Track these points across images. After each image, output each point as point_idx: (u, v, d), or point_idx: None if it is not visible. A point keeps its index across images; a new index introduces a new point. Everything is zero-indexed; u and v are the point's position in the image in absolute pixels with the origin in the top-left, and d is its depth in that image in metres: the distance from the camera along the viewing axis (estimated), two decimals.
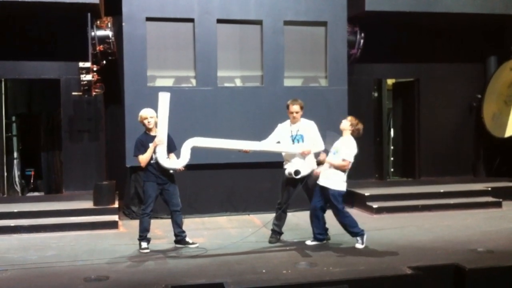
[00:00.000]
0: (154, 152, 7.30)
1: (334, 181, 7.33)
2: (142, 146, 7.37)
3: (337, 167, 7.29)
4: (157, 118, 7.35)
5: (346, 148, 7.30)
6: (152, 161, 7.36)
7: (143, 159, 7.36)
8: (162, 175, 7.39)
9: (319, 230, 7.61)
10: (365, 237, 7.43)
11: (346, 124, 7.40)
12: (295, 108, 7.67)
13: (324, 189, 7.41)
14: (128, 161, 9.88)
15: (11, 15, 10.34)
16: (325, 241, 7.70)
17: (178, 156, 7.45)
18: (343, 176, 7.37)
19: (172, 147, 7.51)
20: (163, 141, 7.29)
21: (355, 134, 7.41)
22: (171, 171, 7.44)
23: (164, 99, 7.33)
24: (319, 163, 7.63)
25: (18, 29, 10.52)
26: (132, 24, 9.97)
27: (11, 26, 10.50)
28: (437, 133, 12.70)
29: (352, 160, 7.30)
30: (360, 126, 7.43)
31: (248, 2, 10.36)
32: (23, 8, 9.86)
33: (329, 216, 7.75)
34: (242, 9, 10.37)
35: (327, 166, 7.40)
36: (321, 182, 7.42)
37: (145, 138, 7.40)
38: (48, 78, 10.96)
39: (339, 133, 7.49)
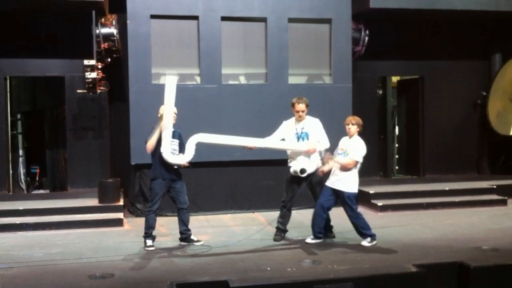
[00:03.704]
0: (160, 145, 7.30)
1: (348, 183, 7.34)
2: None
3: (343, 166, 7.28)
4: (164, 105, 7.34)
5: (356, 149, 7.31)
6: (156, 155, 7.39)
7: (149, 144, 7.36)
8: (168, 170, 7.39)
9: (320, 229, 7.60)
10: (375, 241, 7.42)
11: (354, 128, 7.39)
12: (301, 106, 7.65)
13: (337, 192, 7.40)
14: (133, 158, 9.91)
15: (15, 12, 10.35)
16: (323, 239, 7.70)
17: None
18: (355, 177, 7.38)
19: (182, 148, 7.48)
20: (169, 125, 7.28)
21: (361, 130, 7.46)
22: (176, 167, 7.44)
23: (171, 82, 7.30)
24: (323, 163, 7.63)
25: (23, 26, 10.52)
26: (137, 22, 9.98)
27: (16, 23, 10.50)
28: (441, 130, 12.65)
29: (360, 160, 7.30)
30: (360, 120, 7.47)
31: None
32: (28, 5, 9.88)
33: (335, 214, 7.78)
34: (246, 6, 10.36)
35: (335, 167, 7.39)
36: (335, 185, 7.40)
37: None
38: (53, 76, 10.97)
39: (343, 133, 7.49)
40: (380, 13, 11.03)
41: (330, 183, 7.46)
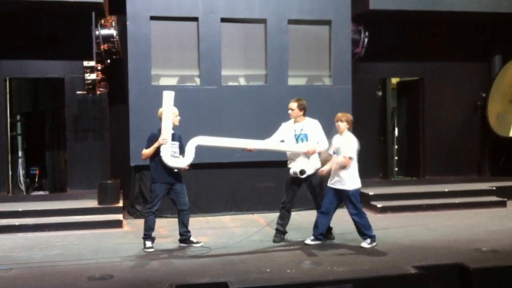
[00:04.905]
0: (160, 149, 7.30)
1: (350, 181, 7.33)
2: (153, 141, 7.36)
3: (340, 166, 7.28)
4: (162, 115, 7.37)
5: (347, 146, 7.31)
6: (156, 158, 7.39)
7: (145, 153, 7.39)
8: (168, 173, 7.39)
9: (323, 230, 7.61)
10: (375, 243, 7.41)
11: (343, 125, 7.39)
12: (290, 104, 7.72)
13: (340, 192, 7.40)
14: (133, 160, 9.89)
15: (15, 14, 10.37)
16: (323, 241, 7.69)
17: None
18: (356, 174, 7.37)
19: (182, 150, 7.47)
20: (167, 141, 7.29)
21: (351, 126, 7.45)
22: (176, 170, 7.44)
23: (168, 97, 7.32)
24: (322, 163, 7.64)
25: (23, 28, 10.54)
26: (137, 23, 9.98)
27: (16, 25, 10.52)
28: (441, 132, 12.67)
29: (351, 155, 7.28)
30: (350, 117, 7.45)
31: (253, 1, 10.34)
32: (28, 6, 9.88)
33: (334, 216, 7.76)
34: (247, 8, 10.36)
35: (334, 168, 7.38)
36: (337, 185, 7.40)
37: (160, 134, 7.38)
38: (53, 77, 10.99)
39: (336, 132, 7.49)
40: (380, 14, 11.05)
41: (332, 183, 7.46)
